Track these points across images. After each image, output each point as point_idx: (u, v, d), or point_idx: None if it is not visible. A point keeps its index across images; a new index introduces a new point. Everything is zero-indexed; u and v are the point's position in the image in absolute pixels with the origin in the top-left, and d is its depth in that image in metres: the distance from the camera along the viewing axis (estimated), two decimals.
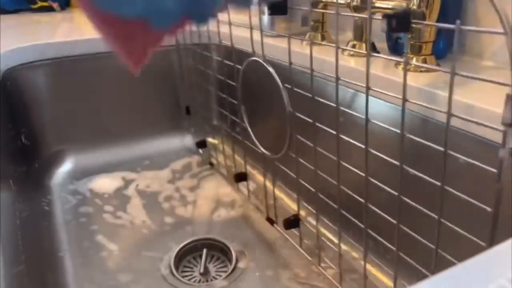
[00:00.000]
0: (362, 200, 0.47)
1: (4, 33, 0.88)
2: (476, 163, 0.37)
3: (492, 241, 0.35)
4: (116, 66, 0.49)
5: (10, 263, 0.48)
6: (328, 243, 0.63)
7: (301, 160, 0.56)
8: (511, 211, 0.40)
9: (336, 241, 0.60)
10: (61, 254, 0.64)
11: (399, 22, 0.34)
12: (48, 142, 0.84)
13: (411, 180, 0.43)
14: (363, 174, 0.46)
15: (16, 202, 0.66)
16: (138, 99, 0.90)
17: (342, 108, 0.48)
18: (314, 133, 0.52)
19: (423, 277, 0.46)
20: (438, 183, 0.38)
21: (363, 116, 0.43)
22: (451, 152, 0.37)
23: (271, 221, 0.69)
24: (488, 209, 0.35)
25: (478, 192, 0.39)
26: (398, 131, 0.40)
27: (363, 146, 0.44)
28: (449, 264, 0.38)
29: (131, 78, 0.88)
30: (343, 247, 0.64)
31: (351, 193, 0.49)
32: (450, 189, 0.39)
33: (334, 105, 0.47)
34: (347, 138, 0.47)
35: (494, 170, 0.38)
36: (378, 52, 0.65)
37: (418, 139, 0.40)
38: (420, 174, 0.42)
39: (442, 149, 0.36)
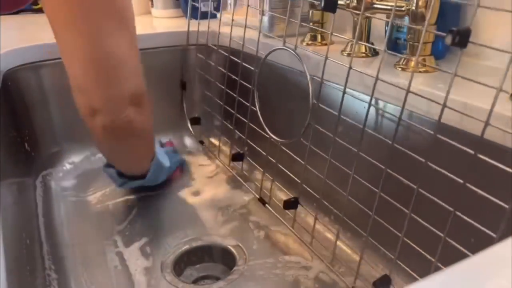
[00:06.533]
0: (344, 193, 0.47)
1: (5, 34, 0.88)
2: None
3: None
4: None
5: (12, 263, 0.48)
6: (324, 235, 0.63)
7: (314, 148, 0.59)
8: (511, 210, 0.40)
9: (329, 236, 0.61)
10: (62, 254, 0.64)
11: (461, 38, 0.39)
12: (49, 142, 0.84)
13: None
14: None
15: (17, 202, 0.66)
16: None
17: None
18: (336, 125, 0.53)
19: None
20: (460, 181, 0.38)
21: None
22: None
23: (263, 202, 0.73)
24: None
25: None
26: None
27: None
28: None
29: None
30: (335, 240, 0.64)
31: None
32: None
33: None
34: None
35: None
36: (377, 53, 0.65)
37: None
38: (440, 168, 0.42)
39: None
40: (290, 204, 0.66)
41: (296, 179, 0.64)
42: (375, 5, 0.57)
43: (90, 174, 0.84)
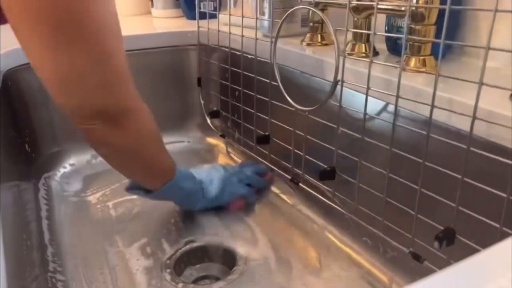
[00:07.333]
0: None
1: (5, 34, 0.88)
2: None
3: None
4: None
5: (12, 263, 0.48)
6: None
7: (346, 107, 0.57)
8: (511, 209, 0.40)
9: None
10: (62, 254, 0.64)
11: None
12: (49, 142, 0.84)
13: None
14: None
15: (17, 203, 0.66)
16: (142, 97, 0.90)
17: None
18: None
19: None
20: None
21: None
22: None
23: (295, 182, 0.69)
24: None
25: None
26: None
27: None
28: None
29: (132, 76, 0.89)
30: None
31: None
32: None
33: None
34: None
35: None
36: (377, 53, 0.65)
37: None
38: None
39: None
40: (327, 174, 0.60)
41: (329, 146, 0.59)
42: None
43: (90, 174, 0.84)
